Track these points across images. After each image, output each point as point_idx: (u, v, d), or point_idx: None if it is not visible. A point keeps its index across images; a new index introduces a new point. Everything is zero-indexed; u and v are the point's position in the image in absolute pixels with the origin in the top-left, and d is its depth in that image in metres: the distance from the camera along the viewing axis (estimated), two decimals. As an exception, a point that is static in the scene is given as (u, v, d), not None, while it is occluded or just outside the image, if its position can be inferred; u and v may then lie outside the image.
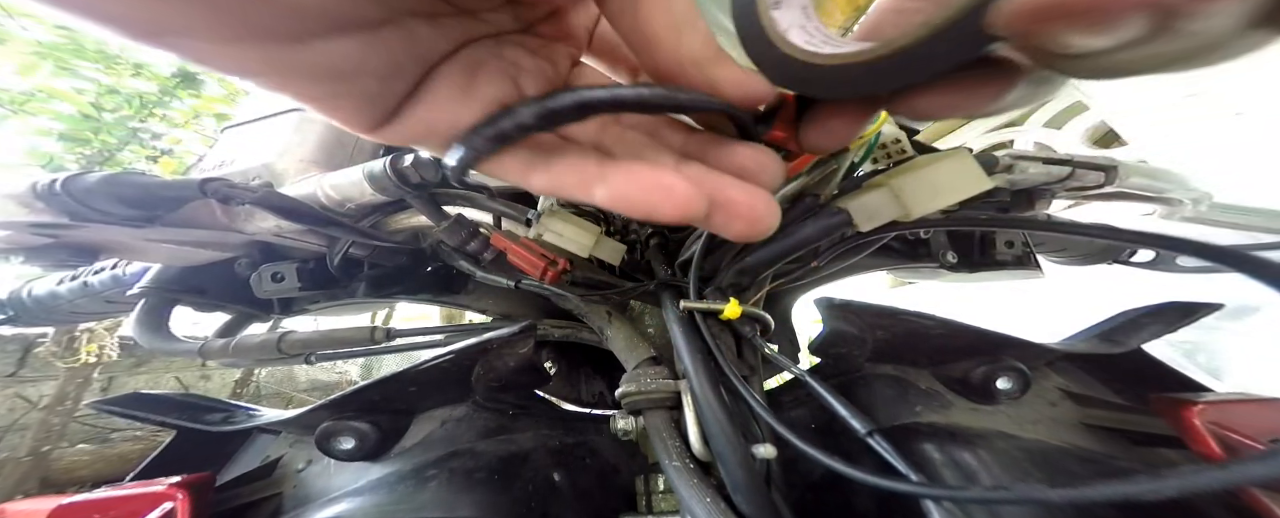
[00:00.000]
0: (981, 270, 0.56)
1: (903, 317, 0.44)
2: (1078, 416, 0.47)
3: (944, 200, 0.28)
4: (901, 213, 0.29)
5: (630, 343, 0.46)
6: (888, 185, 0.29)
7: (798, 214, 0.34)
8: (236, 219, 0.45)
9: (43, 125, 2.48)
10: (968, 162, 0.28)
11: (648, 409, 0.40)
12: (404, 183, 0.41)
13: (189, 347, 0.49)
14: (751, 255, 0.39)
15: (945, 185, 0.28)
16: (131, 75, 2.67)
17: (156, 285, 0.51)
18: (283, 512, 0.46)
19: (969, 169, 0.28)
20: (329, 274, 0.52)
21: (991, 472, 0.39)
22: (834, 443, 0.48)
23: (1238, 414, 0.39)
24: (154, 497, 0.40)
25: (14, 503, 0.44)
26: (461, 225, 0.44)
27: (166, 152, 2.82)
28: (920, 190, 0.28)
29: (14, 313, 0.59)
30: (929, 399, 0.47)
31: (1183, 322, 0.48)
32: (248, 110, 0.54)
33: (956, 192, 0.28)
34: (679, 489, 0.33)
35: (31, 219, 0.36)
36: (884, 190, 0.29)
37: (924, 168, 0.28)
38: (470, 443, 0.47)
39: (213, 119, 2.88)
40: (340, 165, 0.49)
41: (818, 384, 0.35)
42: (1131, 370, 0.48)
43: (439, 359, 0.44)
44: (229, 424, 0.49)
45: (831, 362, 0.49)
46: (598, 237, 0.41)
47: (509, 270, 0.45)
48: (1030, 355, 0.47)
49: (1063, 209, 0.65)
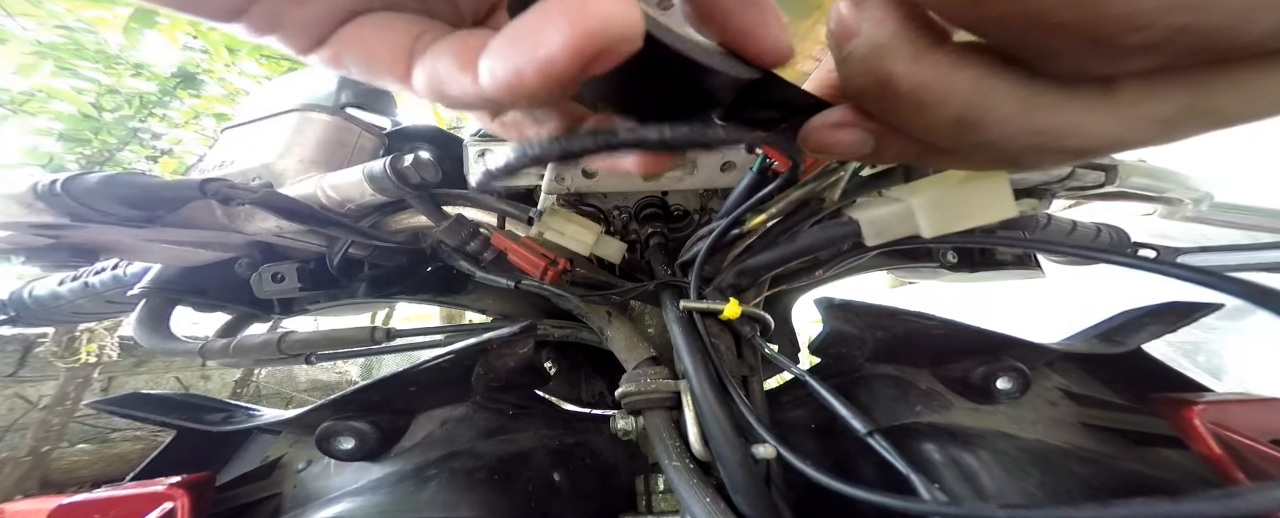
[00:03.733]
0: (981, 270, 0.56)
1: (903, 317, 0.44)
2: (1078, 416, 0.47)
3: (965, 224, 0.25)
4: (914, 231, 0.26)
5: (630, 343, 0.46)
6: (906, 202, 0.26)
7: (803, 219, 0.34)
8: (236, 219, 0.45)
9: (43, 125, 2.48)
10: (1002, 185, 0.24)
11: (647, 409, 0.40)
12: (404, 183, 0.41)
13: (189, 347, 0.49)
14: (753, 257, 0.39)
15: (970, 208, 0.25)
16: (131, 75, 2.67)
17: (157, 286, 0.51)
18: (283, 512, 0.46)
19: (1001, 194, 0.24)
20: (329, 274, 0.52)
21: (991, 472, 0.39)
22: (834, 443, 0.48)
23: (1238, 414, 0.39)
24: (154, 497, 0.40)
25: (14, 503, 0.44)
26: (461, 225, 0.44)
27: (166, 152, 2.82)
28: (941, 211, 0.25)
29: (15, 313, 0.59)
30: (929, 399, 0.47)
31: (1183, 322, 0.48)
32: (248, 110, 0.54)
33: (981, 216, 0.25)
34: (679, 489, 0.33)
35: (32, 219, 0.36)
36: (901, 207, 0.27)
37: (954, 186, 0.25)
38: (470, 443, 0.47)
39: (213, 119, 2.88)
40: (340, 165, 0.49)
41: (818, 384, 0.35)
42: (1131, 370, 0.48)
43: (439, 359, 0.44)
44: (229, 424, 0.49)
45: (832, 362, 0.49)
46: (598, 235, 0.41)
47: (509, 270, 0.45)
48: (1030, 355, 0.47)
49: (1063, 209, 0.65)
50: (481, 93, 0.15)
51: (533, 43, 0.13)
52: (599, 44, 0.13)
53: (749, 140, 0.18)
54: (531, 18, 0.14)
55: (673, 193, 0.48)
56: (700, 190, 0.48)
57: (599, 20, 0.13)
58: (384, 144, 0.55)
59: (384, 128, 0.57)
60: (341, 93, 0.55)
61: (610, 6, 0.13)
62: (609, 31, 0.13)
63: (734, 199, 0.35)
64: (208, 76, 2.86)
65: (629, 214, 0.49)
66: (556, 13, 0.13)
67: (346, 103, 0.55)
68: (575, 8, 0.13)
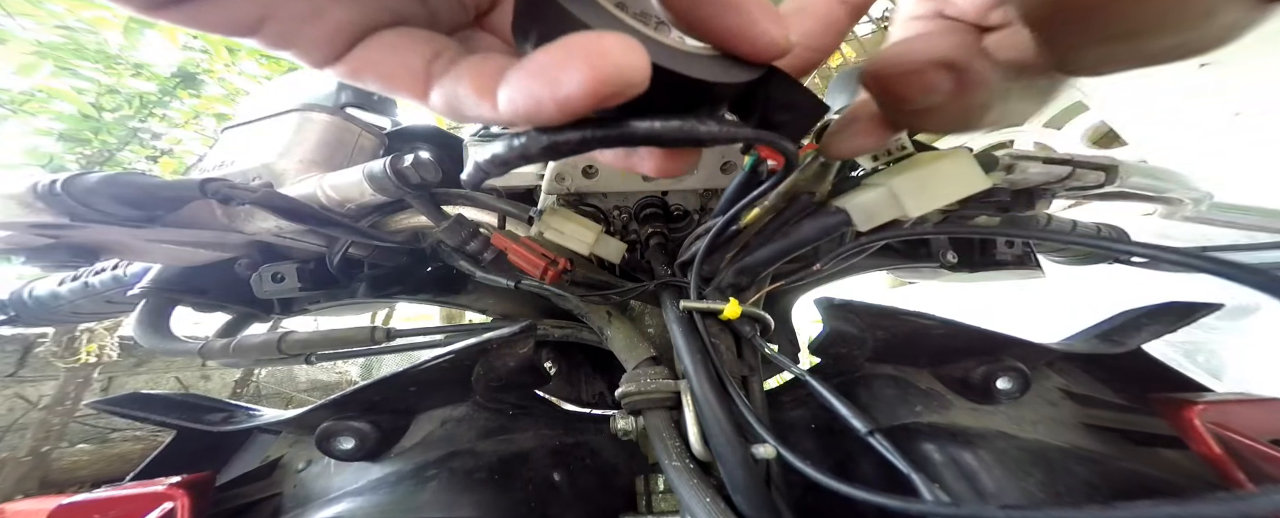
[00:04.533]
0: (981, 270, 0.56)
1: (903, 317, 0.44)
2: (1078, 416, 0.47)
3: (942, 200, 0.28)
4: (901, 213, 0.28)
5: (630, 343, 0.46)
6: (886, 185, 0.29)
7: (795, 213, 0.34)
8: (236, 219, 0.45)
9: (43, 125, 2.49)
10: (966, 161, 0.28)
11: (648, 409, 0.40)
12: (404, 183, 0.41)
13: (189, 347, 0.49)
14: (751, 255, 0.39)
15: (944, 185, 0.28)
16: (131, 75, 2.67)
17: (157, 286, 0.51)
18: (283, 512, 0.46)
19: (967, 168, 0.27)
20: (329, 274, 0.52)
21: (992, 472, 0.39)
22: (834, 443, 0.48)
23: (1238, 414, 0.39)
24: (154, 497, 0.40)
25: (14, 503, 0.44)
26: (461, 225, 0.44)
27: (166, 152, 2.82)
28: (918, 189, 0.28)
29: (15, 313, 0.59)
30: (929, 399, 0.47)
31: (1183, 322, 0.48)
32: (248, 110, 0.54)
33: (955, 191, 0.27)
34: (679, 489, 0.33)
35: (32, 219, 0.36)
36: (882, 190, 0.29)
37: (922, 167, 0.28)
38: (470, 443, 0.47)
39: (213, 119, 2.88)
40: (340, 165, 0.49)
41: (818, 384, 0.35)
42: (1131, 370, 0.48)
43: (439, 359, 0.44)
44: (229, 424, 0.49)
45: (832, 362, 0.49)
46: (598, 235, 0.41)
47: (509, 270, 0.45)
48: (1030, 355, 0.47)
49: (1063, 209, 0.65)
50: (499, 118, 0.17)
51: (551, 81, 0.15)
52: (613, 88, 0.14)
53: (740, 136, 0.19)
54: (552, 56, 0.15)
55: (672, 193, 0.48)
56: (700, 190, 0.48)
57: (615, 67, 0.14)
58: (384, 144, 0.55)
59: (384, 128, 0.57)
60: (342, 93, 0.55)
61: (624, 54, 0.14)
62: (622, 78, 0.14)
63: (728, 197, 0.35)
64: (208, 76, 2.86)
65: (629, 214, 0.49)
66: (578, 56, 0.14)
67: (346, 103, 0.55)
68: (595, 54, 0.14)
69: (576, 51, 0.14)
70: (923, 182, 0.28)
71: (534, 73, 0.15)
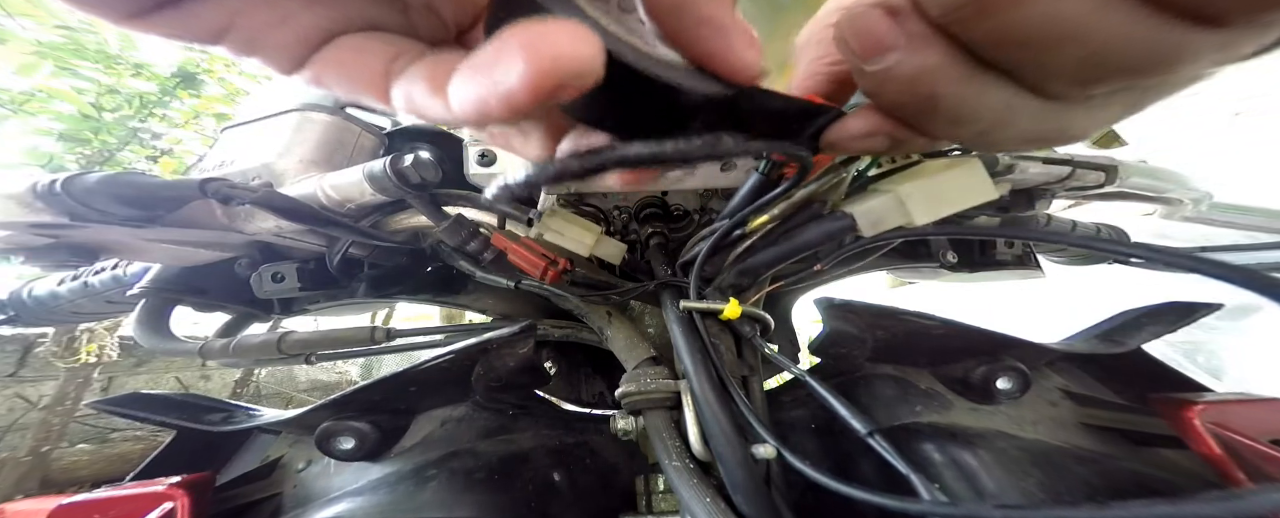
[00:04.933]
0: (981, 270, 0.56)
1: (903, 317, 0.44)
2: (1078, 416, 0.47)
3: (950, 209, 0.27)
4: (906, 220, 0.28)
5: (630, 343, 0.46)
6: (894, 192, 0.28)
7: (802, 218, 0.34)
8: (236, 219, 0.45)
9: (43, 125, 2.48)
10: (977, 169, 0.27)
11: (648, 409, 0.40)
12: (404, 183, 0.41)
13: (189, 347, 0.49)
14: (753, 256, 0.39)
15: (953, 193, 0.27)
16: (131, 75, 2.67)
17: (157, 286, 0.51)
18: (283, 512, 0.46)
19: (977, 177, 0.27)
20: (329, 274, 0.52)
21: (991, 472, 0.39)
22: (834, 443, 0.48)
23: (1238, 414, 0.39)
24: (154, 497, 0.40)
25: (14, 503, 0.44)
26: (461, 225, 0.44)
27: (166, 152, 2.82)
28: (927, 198, 0.27)
29: (14, 313, 0.59)
30: (929, 399, 0.47)
31: (1183, 322, 0.48)
32: (248, 110, 0.54)
33: (963, 200, 0.27)
34: (679, 489, 0.33)
35: (32, 219, 0.36)
36: (890, 197, 0.28)
37: (932, 175, 0.27)
38: (470, 443, 0.47)
39: (213, 119, 2.88)
40: (340, 165, 0.49)
41: (818, 384, 0.35)
42: (1131, 370, 0.48)
43: (439, 359, 0.44)
44: (229, 424, 0.49)
45: (832, 362, 0.49)
46: (598, 235, 0.41)
47: (509, 270, 0.45)
48: (1030, 355, 0.47)
49: (1063, 209, 0.65)
50: (454, 116, 0.16)
51: (491, 75, 0.13)
52: (554, 80, 0.13)
53: (760, 150, 0.19)
54: (491, 49, 0.14)
55: (673, 193, 0.48)
56: (700, 190, 0.48)
57: (552, 58, 0.13)
58: (384, 144, 0.55)
59: (384, 128, 0.57)
60: (341, 93, 0.55)
61: (565, 42, 0.13)
62: (562, 68, 0.13)
63: (739, 201, 0.35)
64: (208, 76, 2.86)
65: (629, 214, 0.49)
66: (513, 46, 0.13)
67: (347, 102, 0.55)
68: (530, 43, 0.13)
69: (512, 42, 0.13)
70: (931, 190, 0.27)
71: (476, 67, 0.14)
